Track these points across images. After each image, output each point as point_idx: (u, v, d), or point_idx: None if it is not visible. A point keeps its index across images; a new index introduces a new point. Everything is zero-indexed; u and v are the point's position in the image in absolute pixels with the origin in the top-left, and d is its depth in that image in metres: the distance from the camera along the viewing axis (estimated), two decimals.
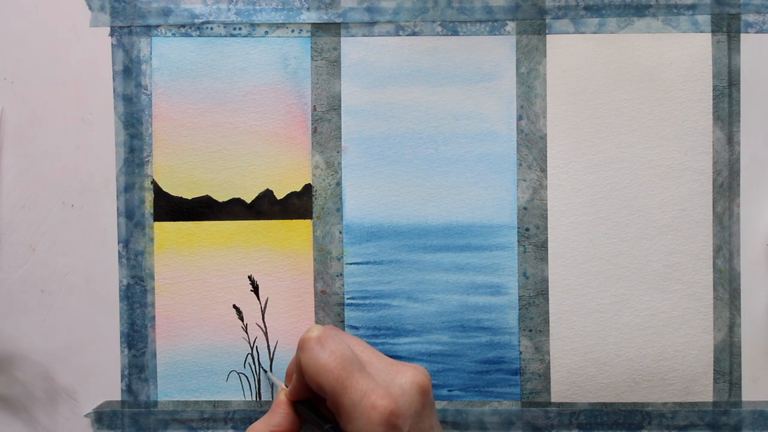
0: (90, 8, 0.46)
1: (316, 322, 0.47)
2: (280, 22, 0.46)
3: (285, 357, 0.47)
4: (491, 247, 0.46)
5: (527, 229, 0.46)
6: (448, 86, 0.46)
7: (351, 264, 0.46)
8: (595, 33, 0.46)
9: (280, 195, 0.46)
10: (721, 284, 0.46)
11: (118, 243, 0.47)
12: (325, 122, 0.46)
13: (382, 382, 0.37)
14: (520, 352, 0.46)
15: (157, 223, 0.46)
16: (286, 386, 0.43)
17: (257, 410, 0.47)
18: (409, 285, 0.46)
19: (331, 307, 0.46)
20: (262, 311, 0.47)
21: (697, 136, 0.46)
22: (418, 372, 0.38)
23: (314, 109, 0.46)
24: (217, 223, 0.46)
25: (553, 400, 0.46)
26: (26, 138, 0.47)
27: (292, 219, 0.46)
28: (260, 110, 0.46)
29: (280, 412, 0.40)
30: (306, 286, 0.46)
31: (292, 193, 0.46)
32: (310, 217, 0.46)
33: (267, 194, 0.46)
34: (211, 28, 0.46)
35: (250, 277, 0.46)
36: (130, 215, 0.46)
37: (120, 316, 0.47)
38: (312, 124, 0.46)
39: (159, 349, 0.47)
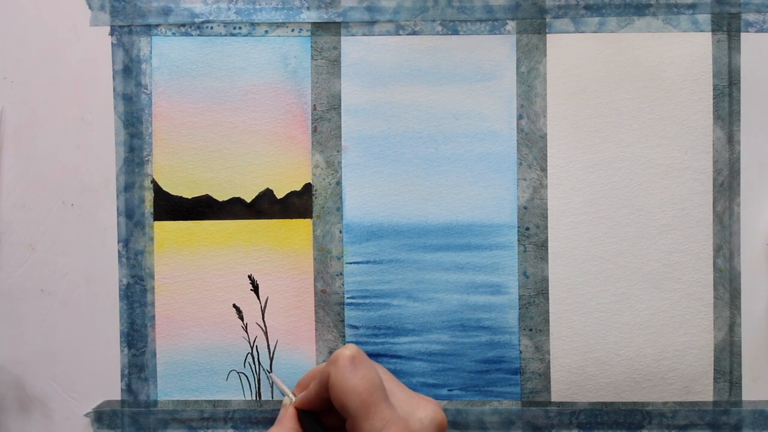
0: (90, 7, 0.46)
1: (317, 322, 0.46)
2: (280, 21, 0.46)
3: (285, 357, 0.47)
4: (491, 247, 0.46)
5: (527, 229, 0.46)
6: (448, 85, 0.46)
7: (351, 263, 0.46)
8: (596, 32, 0.46)
9: (280, 194, 0.46)
10: (721, 284, 0.46)
11: (118, 242, 0.47)
12: (325, 121, 0.46)
13: (403, 413, 0.37)
14: (520, 352, 0.46)
15: (157, 223, 0.46)
16: (294, 394, 0.43)
17: (257, 410, 0.47)
18: (409, 284, 0.46)
19: (331, 306, 0.46)
20: (262, 311, 0.47)
21: (697, 136, 0.46)
22: (437, 408, 0.38)
23: (314, 108, 0.46)
24: (217, 222, 0.46)
25: (553, 400, 0.46)
26: (26, 138, 0.47)
27: (292, 218, 0.46)
28: (260, 109, 0.46)
29: (289, 427, 0.40)
30: (306, 285, 0.46)
31: (292, 192, 0.46)
32: (310, 217, 0.46)
33: (267, 193, 0.46)
34: (211, 28, 0.46)
35: (250, 277, 0.46)
36: (130, 215, 0.46)
37: (120, 316, 0.47)
38: (312, 123, 0.46)
39: (159, 349, 0.47)
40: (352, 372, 0.37)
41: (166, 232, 0.46)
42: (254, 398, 0.47)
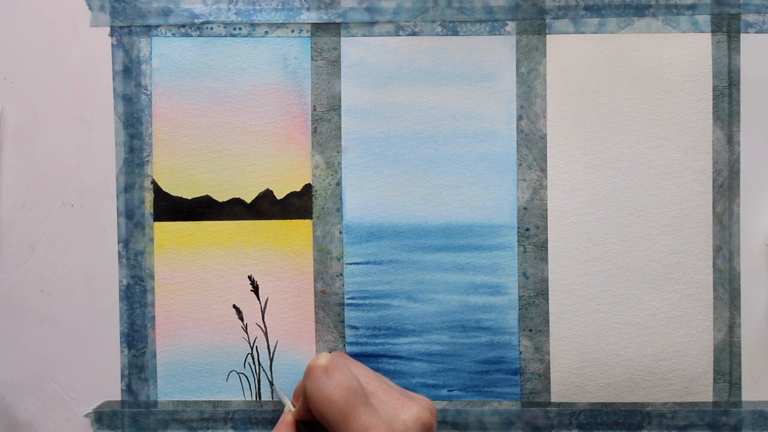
0: (90, 8, 0.46)
1: (317, 323, 0.47)
2: (280, 22, 0.46)
3: (285, 357, 0.47)
4: (491, 247, 0.46)
5: (527, 229, 0.46)
6: (448, 86, 0.46)
7: (351, 264, 0.46)
8: (595, 33, 0.46)
9: (280, 195, 0.46)
10: (721, 284, 0.46)
11: (118, 243, 0.47)
12: (325, 122, 0.46)
13: (386, 416, 0.37)
14: (520, 352, 0.46)
15: (157, 223, 0.46)
16: (293, 404, 0.43)
17: (257, 410, 0.47)
18: (409, 285, 0.46)
19: (331, 307, 0.46)
20: (262, 311, 0.47)
21: (697, 136, 0.46)
22: (422, 408, 0.38)
23: (314, 109, 0.46)
24: (217, 223, 0.46)
25: (553, 400, 0.46)
26: (26, 138, 0.47)
27: (292, 219, 0.46)
28: (260, 110, 0.46)
29: None
30: (306, 286, 0.46)
31: (292, 193, 0.46)
32: (310, 217, 0.46)
33: (267, 194, 0.46)
34: (211, 28, 0.46)
35: (250, 277, 0.46)
36: (130, 215, 0.46)
37: (120, 316, 0.47)
38: (312, 124, 0.46)
39: (159, 349, 0.47)
40: (326, 382, 0.37)
41: (166, 232, 0.46)
42: (254, 399, 0.47)
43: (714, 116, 0.46)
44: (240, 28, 0.46)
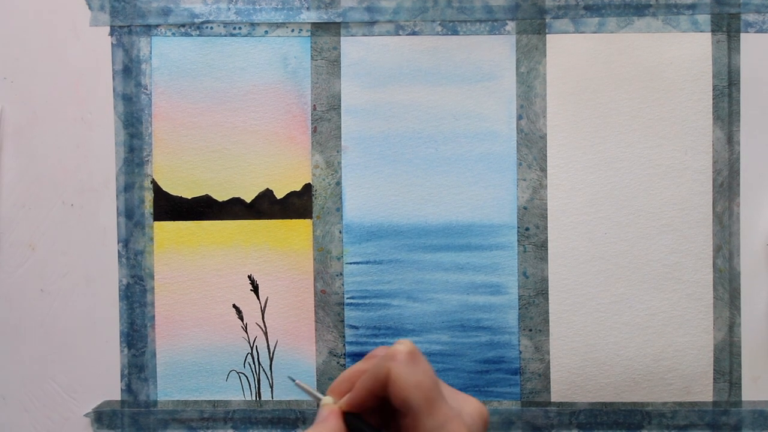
0: (90, 8, 0.46)
1: (316, 322, 0.46)
2: (280, 21, 0.46)
3: (285, 357, 0.47)
4: (491, 247, 0.46)
5: (527, 229, 0.46)
6: (448, 86, 0.46)
7: (351, 263, 0.46)
8: (595, 33, 0.46)
9: (279, 194, 0.46)
10: (721, 284, 0.46)
11: (118, 243, 0.47)
12: (325, 122, 0.46)
13: (456, 409, 0.37)
14: (520, 352, 0.46)
15: (156, 223, 0.46)
16: (324, 395, 0.41)
17: (257, 410, 0.47)
18: (409, 285, 0.46)
19: (331, 306, 0.46)
20: (261, 311, 0.47)
21: (697, 136, 0.46)
22: (480, 403, 0.38)
23: (314, 108, 0.46)
24: (217, 222, 0.46)
25: (552, 400, 0.46)
26: (26, 138, 0.47)
27: (291, 218, 0.46)
28: (260, 110, 0.46)
29: (331, 426, 0.39)
30: (306, 285, 0.46)
31: (291, 192, 0.46)
32: (310, 217, 0.46)
33: (267, 194, 0.46)
34: (211, 28, 0.46)
35: (249, 277, 0.46)
36: (129, 215, 0.46)
37: (120, 316, 0.47)
38: (312, 123, 0.46)
39: (159, 349, 0.47)
40: (414, 367, 0.36)
41: (166, 232, 0.46)
42: (254, 398, 0.47)
43: (714, 116, 0.46)
44: (240, 28, 0.46)
